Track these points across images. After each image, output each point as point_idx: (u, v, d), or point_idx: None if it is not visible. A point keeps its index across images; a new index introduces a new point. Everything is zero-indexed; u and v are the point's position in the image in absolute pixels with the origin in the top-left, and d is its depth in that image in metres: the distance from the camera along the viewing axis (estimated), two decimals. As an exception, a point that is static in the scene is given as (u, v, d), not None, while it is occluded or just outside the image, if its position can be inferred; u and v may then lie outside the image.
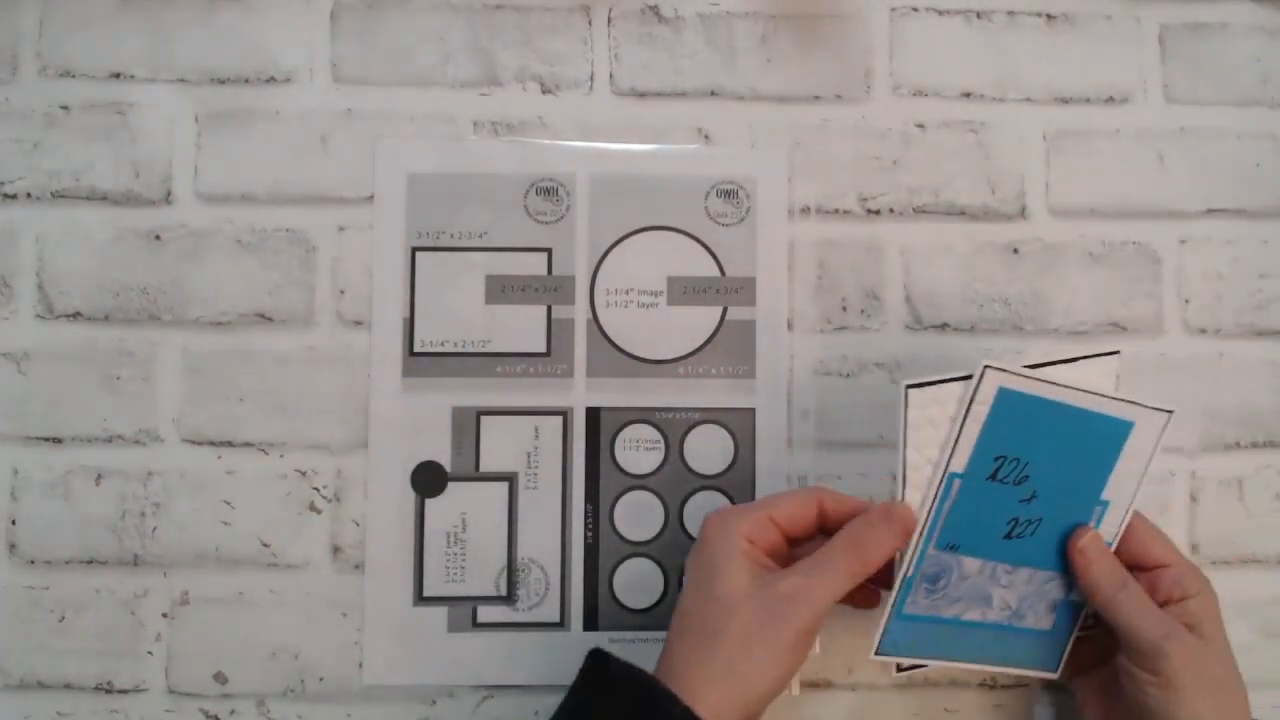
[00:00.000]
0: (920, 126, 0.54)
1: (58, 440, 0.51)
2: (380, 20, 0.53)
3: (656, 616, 0.51)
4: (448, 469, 0.51)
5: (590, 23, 0.54)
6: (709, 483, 0.52)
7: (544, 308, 0.52)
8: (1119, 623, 0.45)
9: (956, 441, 0.44)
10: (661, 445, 0.52)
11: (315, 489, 0.51)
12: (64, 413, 0.51)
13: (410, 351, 0.52)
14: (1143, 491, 0.46)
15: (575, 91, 0.54)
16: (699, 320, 0.53)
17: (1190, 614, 0.45)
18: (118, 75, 0.53)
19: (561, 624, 0.51)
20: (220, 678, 0.51)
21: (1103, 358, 0.46)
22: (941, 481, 0.44)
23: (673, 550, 0.51)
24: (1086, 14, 0.55)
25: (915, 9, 0.55)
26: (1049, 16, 0.55)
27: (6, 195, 0.52)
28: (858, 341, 0.53)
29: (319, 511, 0.51)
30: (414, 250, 0.52)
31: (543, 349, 0.52)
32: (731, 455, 0.52)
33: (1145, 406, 0.45)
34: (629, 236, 0.53)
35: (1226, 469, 0.54)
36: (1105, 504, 0.46)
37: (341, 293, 0.52)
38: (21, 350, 0.52)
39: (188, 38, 0.53)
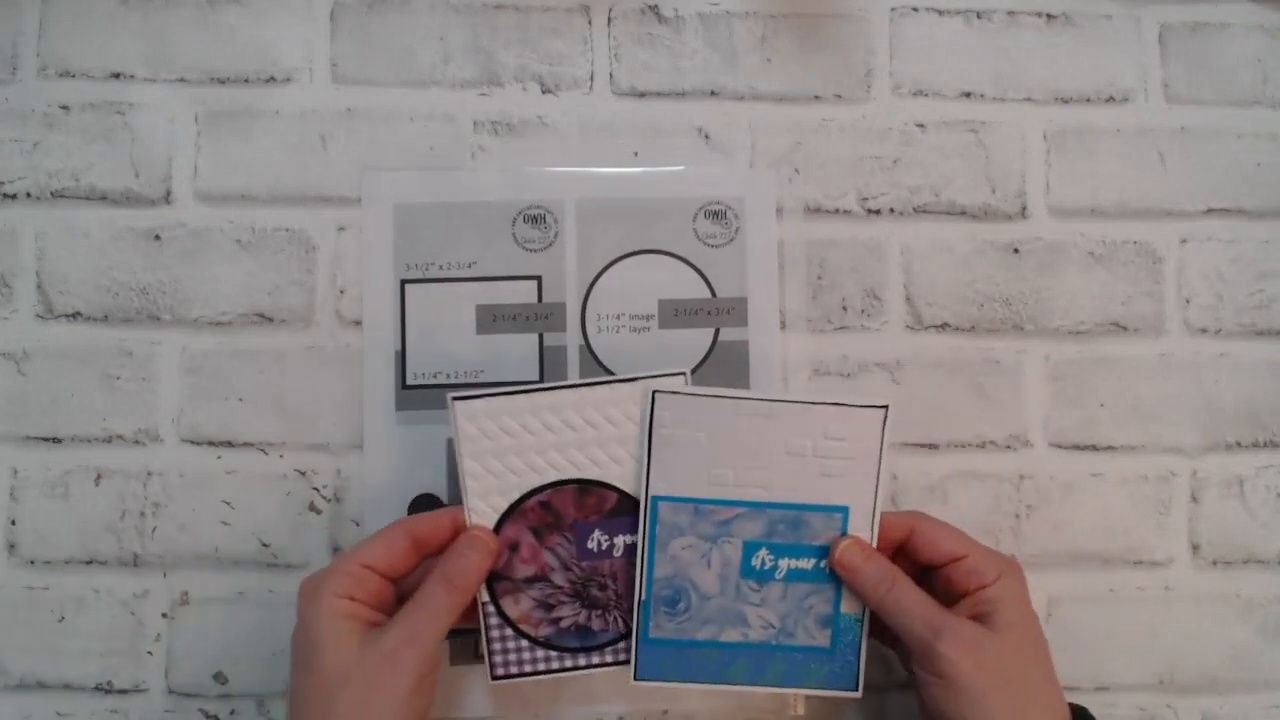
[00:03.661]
0: (920, 126, 0.54)
1: (57, 440, 0.51)
2: (380, 20, 0.53)
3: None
4: (445, 501, 0.51)
5: (590, 23, 0.54)
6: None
7: (535, 336, 0.52)
8: (893, 625, 0.44)
9: (649, 464, 0.45)
10: None
11: (315, 489, 0.51)
12: (63, 413, 0.51)
13: (403, 385, 0.52)
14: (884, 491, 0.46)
15: (575, 91, 0.54)
16: (692, 343, 0.52)
17: (987, 602, 0.43)
18: (118, 75, 0.53)
19: None
20: (220, 678, 0.51)
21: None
22: (646, 506, 0.45)
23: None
24: (1086, 14, 0.55)
25: (915, 9, 0.55)
26: (1049, 16, 0.55)
27: (6, 195, 0.52)
28: (858, 341, 0.53)
29: (319, 511, 0.51)
30: (403, 283, 0.52)
31: (535, 377, 0.52)
32: None
33: (854, 405, 0.45)
34: (618, 261, 0.53)
35: (1227, 469, 0.54)
36: (843, 509, 0.45)
37: (341, 293, 0.52)
38: (21, 350, 0.52)
39: (188, 38, 0.53)
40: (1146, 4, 0.55)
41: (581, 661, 0.46)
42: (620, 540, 0.46)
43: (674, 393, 0.45)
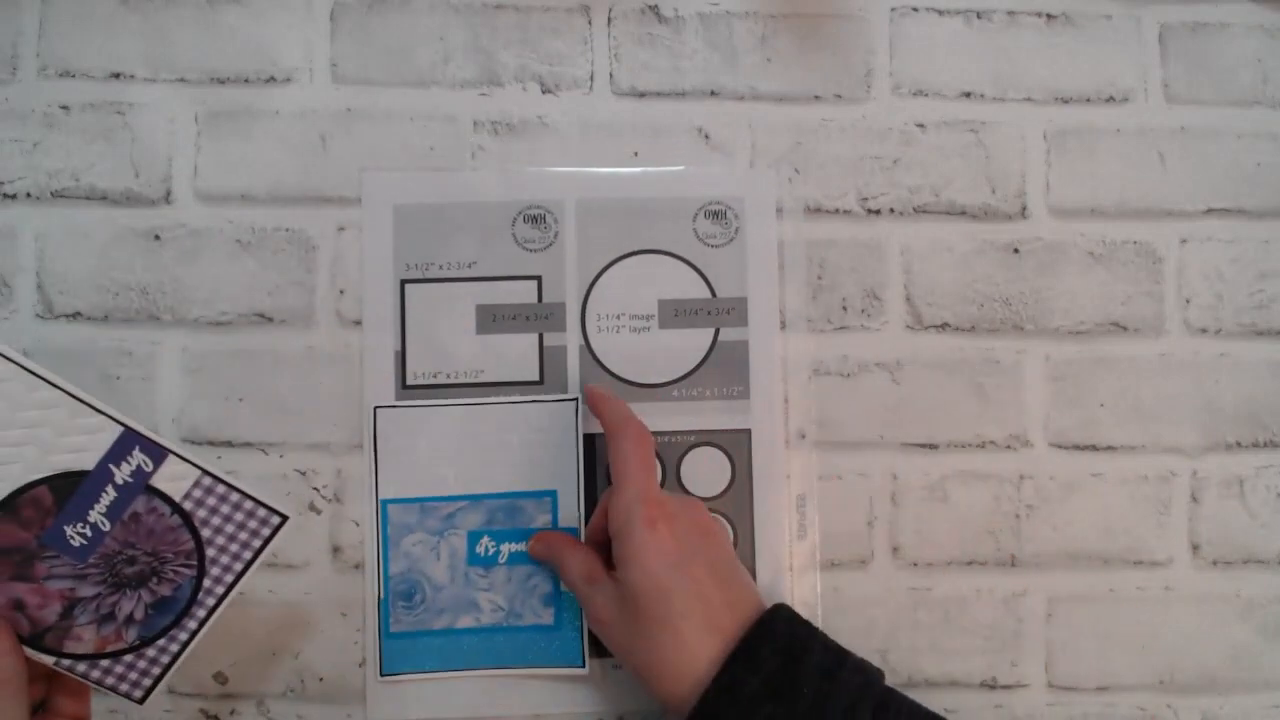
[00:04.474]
0: (920, 126, 0.54)
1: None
2: (380, 20, 0.53)
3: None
4: None
5: (590, 23, 0.54)
6: (707, 505, 0.51)
7: (535, 335, 0.52)
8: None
9: (376, 472, 0.50)
10: (658, 469, 0.51)
11: (315, 489, 0.51)
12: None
13: (403, 385, 0.52)
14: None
15: (575, 91, 0.54)
16: (691, 343, 0.52)
17: (615, 559, 0.44)
18: (118, 75, 0.53)
19: None
20: (220, 678, 0.51)
21: None
22: (377, 508, 0.50)
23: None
24: (1086, 14, 0.55)
25: (915, 9, 0.55)
26: (1049, 16, 0.55)
27: (6, 195, 0.52)
28: (858, 341, 0.53)
29: (319, 511, 0.51)
30: (403, 283, 0.52)
31: (535, 377, 0.52)
32: (729, 477, 0.52)
33: (549, 401, 0.50)
34: (618, 261, 0.53)
35: (1227, 469, 0.54)
36: (552, 493, 0.50)
37: (341, 293, 0.52)
38: (20, 350, 0.51)
39: (188, 38, 0.53)
40: (1146, 4, 0.55)
41: (201, 617, 0.43)
42: (92, 515, 0.41)
43: (391, 406, 0.50)
